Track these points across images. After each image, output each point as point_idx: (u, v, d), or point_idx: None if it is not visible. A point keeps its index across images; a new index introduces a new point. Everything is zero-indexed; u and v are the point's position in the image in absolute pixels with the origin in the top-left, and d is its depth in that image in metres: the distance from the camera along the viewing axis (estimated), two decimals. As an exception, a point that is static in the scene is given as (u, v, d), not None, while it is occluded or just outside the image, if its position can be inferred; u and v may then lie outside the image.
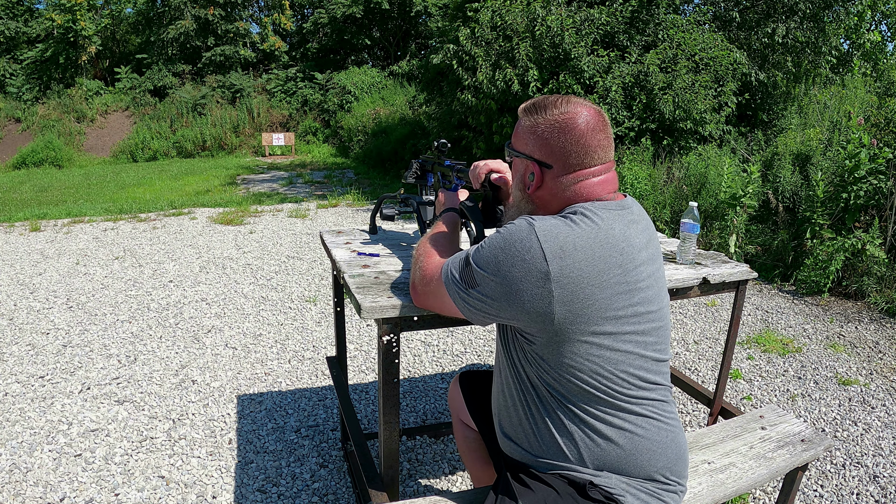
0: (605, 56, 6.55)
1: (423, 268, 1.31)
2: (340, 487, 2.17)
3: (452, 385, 1.71)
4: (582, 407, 1.14)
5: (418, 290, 1.30)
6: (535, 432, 1.21)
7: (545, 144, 1.17)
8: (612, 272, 1.09)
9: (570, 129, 1.15)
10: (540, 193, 1.21)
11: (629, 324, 1.12)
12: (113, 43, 22.13)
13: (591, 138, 1.15)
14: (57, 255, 5.22)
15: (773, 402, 2.84)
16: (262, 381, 2.97)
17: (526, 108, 1.22)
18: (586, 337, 1.09)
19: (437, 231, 1.41)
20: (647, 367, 1.16)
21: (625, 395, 1.14)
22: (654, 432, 1.18)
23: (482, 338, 3.54)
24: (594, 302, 1.08)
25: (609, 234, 1.11)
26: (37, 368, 3.06)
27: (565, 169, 1.17)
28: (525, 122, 1.21)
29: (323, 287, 4.43)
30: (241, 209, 7.45)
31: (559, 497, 1.15)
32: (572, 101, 1.17)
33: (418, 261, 1.34)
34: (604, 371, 1.12)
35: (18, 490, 2.11)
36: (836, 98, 7.39)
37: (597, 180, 1.18)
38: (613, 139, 1.21)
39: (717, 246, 4.93)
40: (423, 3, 19.62)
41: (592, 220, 1.11)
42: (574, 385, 1.13)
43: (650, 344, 1.16)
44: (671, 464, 1.20)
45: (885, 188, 4.40)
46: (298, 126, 20.18)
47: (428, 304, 1.30)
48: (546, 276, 1.06)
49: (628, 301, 1.12)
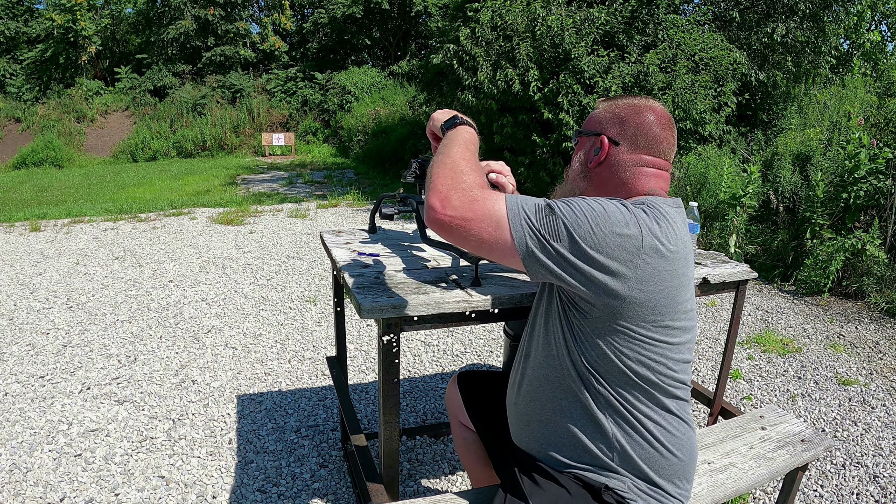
0: (605, 56, 6.54)
1: (466, 185, 1.06)
2: (340, 487, 2.16)
3: (450, 386, 1.71)
4: (619, 392, 1.13)
5: (455, 212, 1.03)
6: (560, 416, 1.18)
7: (620, 122, 1.23)
8: (679, 263, 1.11)
9: (644, 114, 1.23)
10: (600, 170, 1.25)
11: (681, 318, 1.13)
12: (113, 43, 22.14)
13: (660, 130, 1.22)
14: (57, 255, 5.22)
15: (773, 402, 2.84)
16: (262, 381, 2.97)
17: (605, 98, 1.30)
18: (646, 323, 1.10)
19: (467, 138, 1.19)
20: (681, 366, 1.16)
21: (662, 388, 1.14)
22: (683, 432, 1.18)
23: (482, 338, 3.54)
24: (665, 289, 1.09)
25: (676, 227, 1.13)
26: (37, 368, 3.06)
27: (632, 148, 1.22)
28: (602, 105, 1.29)
29: (323, 287, 4.43)
30: (241, 209, 7.45)
31: (571, 498, 1.14)
32: (650, 98, 1.27)
33: (454, 171, 1.08)
34: (649, 361, 1.11)
35: (18, 490, 2.11)
36: (836, 98, 7.39)
37: (654, 171, 1.23)
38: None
39: (717, 246, 4.93)
40: (423, 3, 19.62)
41: (663, 213, 1.13)
42: (617, 369, 1.12)
43: (687, 342, 1.17)
44: (687, 470, 1.19)
45: (884, 188, 4.40)
46: (298, 126, 20.18)
47: (464, 233, 1.05)
48: (639, 251, 1.06)
49: (686, 295, 1.14)
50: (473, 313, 1.44)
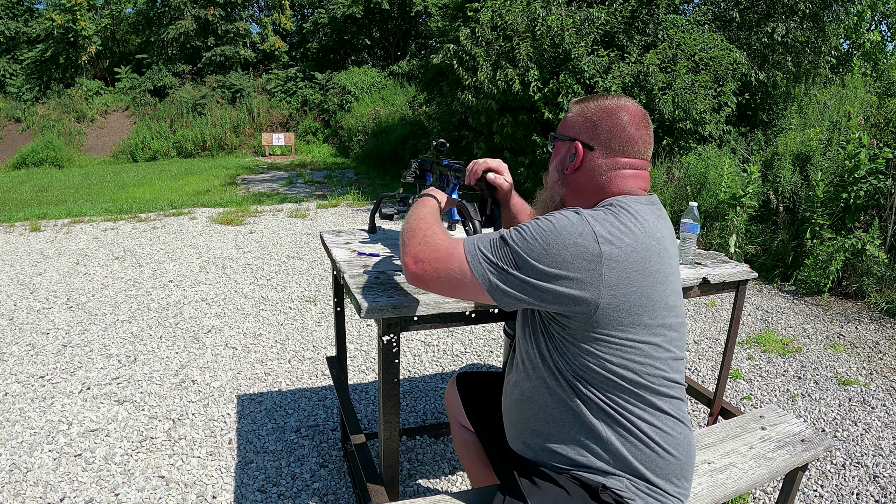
0: (605, 56, 6.54)
1: (430, 241, 1.19)
2: (340, 487, 2.16)
3: (449, 387, 1.71)
4: (608, 398, 1.13)
5: (426, 265, 1.17)
6: (553, 425, 1.19)
7: (592, 126, 1.23)
8: (652, 260, 1.11)
9: (617, 116, 1.21)
10: (577, 176, 1.25)
11: (661, 317, 1.13)
12: (113, 43, 22.14)
13: (634, 130, 1.21)
14: (57, 255, 5.22)
15: (773, 402, 2.84)
16: (262, 381, 2.97)
17: (578, 100, 1.29)
18: (623, 327, 1.10)
19: (427, 207, 1.35)
20: (670, 365, 1.16)
21: (651, 389, 1.14)
22: (679, 431, 1.18)
23: (482, 338, 3.54)
24: (638, 289, 1.09)
25: (647, 224, 1.13)
26: (37, 368, 3.06)
27: (606, 153, 1.21)
28: (574, 109, 1.28)
29: (323, 287, 4.44)
30: (241, 209, 7.45)
31: (569, 498, 1.14)
32: (623, 96, 1.25)
33: (419, 233, 1.23)
34: (632, 364, 1.12)
35: (18, 490, 2.11)
36: (836, 98, 7.39)
37: (631, 172, 1.22)
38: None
39: (717, 246, 4.93)
40: (423, 3, 19.62)
41: (629, 211, 1.13)
42: (600, 375, 1.12)
43: (674, 339, 1.17)
44: (685, 468, 1.19)
45: (884, 188, 4.40)
46: (298, 126, 20.18)
47: (437, 281, 1.17)
48: (598, 257, 1.07)
49: (663, 292, 1.13)
50: (473, 313, 1.44)
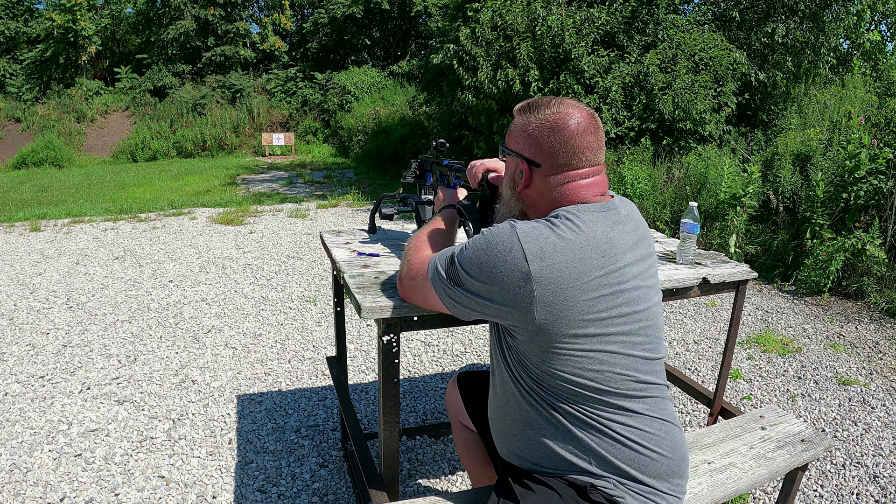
0: (605, 56, 6.55)
1: (410, 261, 1.31)
2: (340, 487, 2.17)
3: (450, 386, 1.71)
4: (574, 406, 1.13)
5: (404, 282, 1.32)
6: (530, 429, 1.20)
7: (535, 143, 1.18)
8: (592, 274, 1.09)
9: (560, 129, 1.15)
10: (528, 192, 1.22)
11: (613, 325, 1.12)
12: (113, 43, 22.14)
13: (580, 140, 1.15)
14: (57, 255, 5.22)
15: (773, 402, 2.84)
16: (262, 381, 2.97)
17: (520, 108, 1.23)
18: (568, 339, 1.09)
19: (434, 227, 1.41)
20: (638, 367, 1.15)
21: (617, 394, 1.13)
22: (663, 430, 1.18)
23: (482, 338, 3.54)
24: (575, 304, 1.08)
25: (590, 237, 1.11)
26: (37, 368, 3.06)
27: (554, 169, 1.17)
28: (518, 121, 1.22)
29: (323, 287, 4.44)
30: (241, 209, 7.45)
31: (561, 499, 1.15)
32: (565, 102, 1.18)
33: (408, 254, 1.34)
34: (588, 372, 1.11)
35: (18, 490, 2.11)
36: (836, 98, 7.39)
37: (584, 182, 1.18)
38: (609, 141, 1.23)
39: (717, 246, 4.93)
40: (423, 3, 19.61)
41: (573, 223, 1.11)
42: (559, 385, 1.13)
43: (638, 344, 1.15)
44: (676, 466, 1.19)
45: (885, 188, 4.40)
46: (298, 126, 20.18)
47: (412, 297, 1.31)
48: (527, 276, 1.07)
49: (612, 303, 1.11)
50: (473, 313, 1.44)
